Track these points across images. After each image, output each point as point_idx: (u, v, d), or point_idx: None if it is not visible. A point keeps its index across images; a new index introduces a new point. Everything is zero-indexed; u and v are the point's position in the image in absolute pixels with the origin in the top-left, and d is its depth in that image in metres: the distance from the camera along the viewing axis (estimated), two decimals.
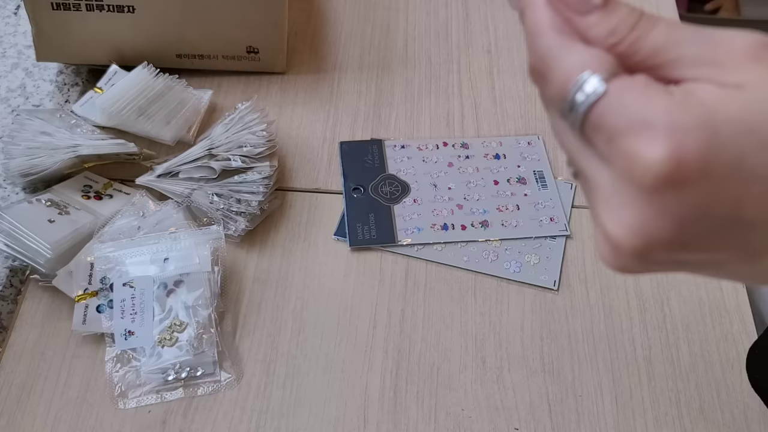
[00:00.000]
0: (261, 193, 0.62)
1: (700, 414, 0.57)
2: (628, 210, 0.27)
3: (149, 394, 0.55)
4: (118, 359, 0.56)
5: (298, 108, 0.73)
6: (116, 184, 0.65)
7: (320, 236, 0.65)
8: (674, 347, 0.60)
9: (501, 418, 0.56)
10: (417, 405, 0.57)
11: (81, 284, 0.58)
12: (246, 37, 0.71)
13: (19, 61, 0.72)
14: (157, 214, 0.62)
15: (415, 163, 0.70)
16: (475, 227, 0.65)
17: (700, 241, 0.27)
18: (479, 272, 0.63)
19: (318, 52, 0.78)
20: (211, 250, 0.60)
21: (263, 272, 0.63)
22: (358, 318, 0.61)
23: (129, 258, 0.59)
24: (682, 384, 0.58)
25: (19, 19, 0.75)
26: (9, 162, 0.62)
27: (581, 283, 0.63)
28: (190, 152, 0.64)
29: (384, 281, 0.63)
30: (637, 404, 0.57)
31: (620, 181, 0.27)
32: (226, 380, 0.56)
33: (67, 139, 0.63)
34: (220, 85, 0.73)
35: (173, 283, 0.58)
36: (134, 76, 0.66)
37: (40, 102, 0.69)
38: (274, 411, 0.56)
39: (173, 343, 0.56)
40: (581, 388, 0.58)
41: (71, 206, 0.62)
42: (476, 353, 0.59)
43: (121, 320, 0.56)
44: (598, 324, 0.61)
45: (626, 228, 0.27)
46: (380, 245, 0.64)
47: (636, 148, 0.26)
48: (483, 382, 0.58)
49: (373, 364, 0.58)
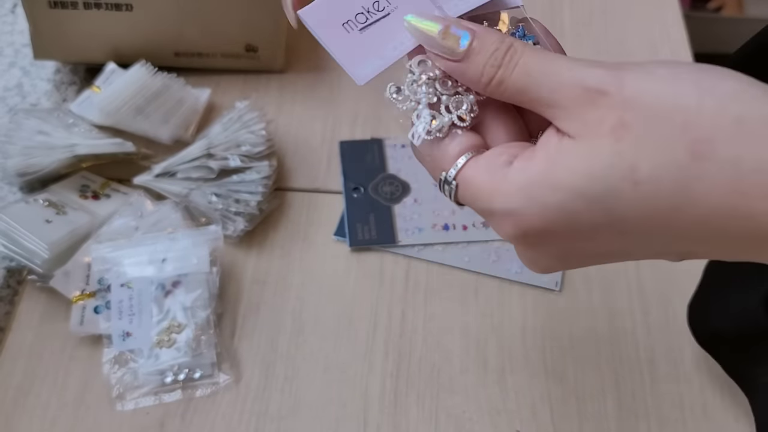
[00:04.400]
0: (260, 193, 0.62)
1: (703, 416, 0.57)
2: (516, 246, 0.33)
3: (147, 395, 0.55)
4: (115, 361, 0.55)
5: (297, 107, 0.73)
6: (114, 184, 0.64)
7: (320, 236, 0.64)
8: (677, 349, 0.60)
9: (503, 420, 0.56)
10: (417, 407, 0.56)
11: (78, 285, 0.57)
12: (245, 35, 0.71)
13: (16, 60, 0.72)
14: (154, 214, 0.61)
15: (415, 162, 0.69)
16: (477, 227, 0.65)
17: (584, 257, 0.31)
18: (481, 273, 0.63)
19: (317, 51, 0.78)
20: (209, 250, 0.59)
21: (262, 273, 0.62)
22: (358, 319, 0.60)
23: (127, 259, 0.58)
24: (685, 386, 0.58)
25: (16, 18, 0.75)
26: (6, 162, 0.61)
27: (584, 284, 0.63)
28: (188, 152, 0.64)
29: (384, 282, 0.62)
30: (639, 406, 0.57)
31: None
32: (225, 382, 0.56)
33: (64, 138, 0.62)
34: (218, 84, 0.73)
35: (171, 284, 0.58)
36: (132, 74, 0.65)
37: (37, 101, 0.69)
38: (273, 413, 0.55)
39: (171, 344, 0.56)
40: (584, 389, 0.57)
41: (68, 206, 0.61)
42: (477, 355, 0.59)
43: (118, 321, 0.56)
44: (601, 325, 0.61)
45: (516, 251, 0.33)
46: (380, 245, 0.64)
47: (494, 228, 0.31)
48: (484, 384, 0.57)
49: (373, 366, 0.58)
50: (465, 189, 0.31)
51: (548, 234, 0.29)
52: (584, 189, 0.28)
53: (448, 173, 0.32)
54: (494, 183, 0.30)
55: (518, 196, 0.29)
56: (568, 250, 0.30)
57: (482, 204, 0.30)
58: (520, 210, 0.29)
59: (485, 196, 0.30)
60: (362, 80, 0.34)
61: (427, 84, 0.32)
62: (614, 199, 0.27)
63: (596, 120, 0.28)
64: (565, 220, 0.28)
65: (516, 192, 0.29)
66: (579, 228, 0.29)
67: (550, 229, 0.29)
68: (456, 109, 0.32)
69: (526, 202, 0.29)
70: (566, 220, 0.28)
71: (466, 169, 0.31)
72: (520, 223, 0.29)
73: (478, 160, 0.31)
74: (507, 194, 0.29)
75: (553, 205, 0.28)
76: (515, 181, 0.29)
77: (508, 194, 0.29)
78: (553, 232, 0.29)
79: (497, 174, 0.30)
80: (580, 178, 0.28)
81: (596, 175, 0.27)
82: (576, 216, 0.28)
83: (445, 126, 0.32)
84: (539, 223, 0.29)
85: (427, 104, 0.32)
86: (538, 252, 0.31)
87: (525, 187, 0.29)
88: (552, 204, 0.28)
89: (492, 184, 0.30)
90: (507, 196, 0.29)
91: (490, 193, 0.30)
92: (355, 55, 0.34)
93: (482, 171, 0.30)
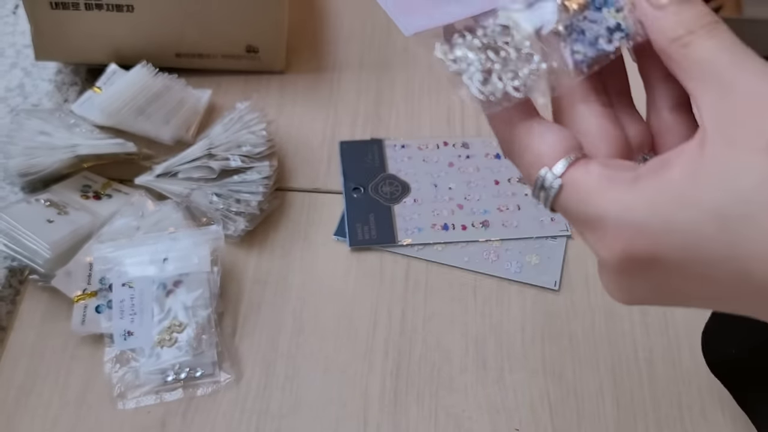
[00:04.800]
0: (260, 193, 0.62)
1: (701, 416, 0.57)
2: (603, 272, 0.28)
3: (148, 394, 0.55)
4: (117, 360, 0.56)
5: (297, 107, 0.73)
6: (115, 184, 0.65)
7: (320, 236, 0.65)
8: (676, 349, 0.60)
9: (501, 419, 0.56)
10: (417, 406, 0.56)
11: (80, 285, 0.58)
12: (246, 36, 0.71)
13: (17, 61, 0.72)
14: (156, 214, 0.62)
15: (415, 162, 0.69)
16: (476, 227, 0.65)
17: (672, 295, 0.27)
18: (480, 272, 0.63)
19: (318, 51, 0.78)
20: (210, 250, 0.59)
21: (263, 272, 0.62)
22: (358, 318, 0.60)
23: (128, 258, 0.58)
24: (683, 386, 0.58)
25: (17, 19, 0.75)
26: (7, 162, 0.62)
27: (582, 284, 0.63)
28: (189, 152, 0.64)
29: (384, 281, 0.62)
30: (638, 406, 0.57)
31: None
32: (226, 381, 0.56)
33: (65, 138, 0.63)
34: (219, 85, 0.73)
35: (172, 284, 0.58)
36: (133, 75, 0.66)
37: (38, 101, 0.69)
38: (274, 412, 0.56)
39: (172, 343, 0.56)
40: (582, 389, 0.58)
41: (70, 206, 0.61)
42: (477, 354, 0.59)
43: (120, 321, 0.56)
44: (600, 325, 0.61)
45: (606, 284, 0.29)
46: (380, 245, 0.64)
47: (593, 244, 0.27)
48: (484, 383, 0.58)
49: (373, 365, 0.58)
50: (572, 191, 0.27)
51: (659, 261, 0.25)
52: (722, 208, 0.24)
53: (553, 169, 0.27)
54: (613, 188, 0.26)
55: (642, 207, 0.25)
56: (670, 285, 0.26)
57: (591, 210, 0.26)
58: (640, 224, 0.25)
59: (598, 202, 0.26)
60: (410, 30, 0.31)
61: (480, 50, 0.30)
62: (749, 228, 0.23)
63: (757, 130, 0.24)
64: (687, 245, 0.24)
65: (640, 202, 0.25)
66: (697, 258, 0.24)
67: (665, 256, 0.25)
68: (511, 80, 0.29)
69: (650, 217, 0.25)
70: (689, 245, 0.24)
71: (575, 169, 0.27)
72: (633, 240, 0.25)
73: (589, 164, 0.27)
74: (627, 203, 0.25)
75: (681, 223, 0.24)
76: (641, 190, 0.25)
77: (629, 203, 0.25)
78: (665, 260, 0.25)
79: (617, 178, 0.26)
80: (722, 195, 0.24)
81: (740, 195, 0.23)
82: (701, 242, 0.24)
83: (499, 92, 0.29)
84: (657, 246, 0.25)
85: (479, 68, 0.29)
86: (636, 281, 0.27)
87: (652, 198, 0.25)
88: (680, 222, 0.24)
89: (610, 190, 0.26)
90: (626, 205, 0.25)
91: (605, 200, 0.26)
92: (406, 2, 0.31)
93: (597, 174, 0.27)
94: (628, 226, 0.25)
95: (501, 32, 0.30)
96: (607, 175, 0.26)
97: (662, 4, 0.28)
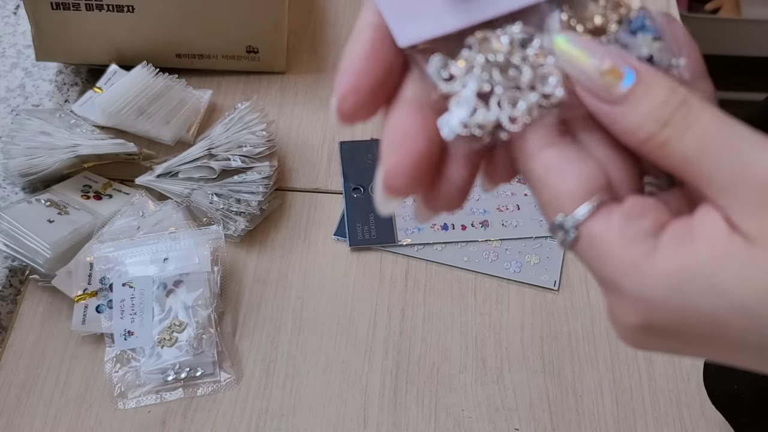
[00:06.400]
0: (261, 193, 0.62)
1: (700, 414, 0.57)
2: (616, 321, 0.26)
3: (149, 394, 0.55)
4: (117, 359, 0.56)
5: (298, 108, 0.73)
6: (116, 184, 0.65)
7: (320, 236, 0.65)
8: None
9: (501, 418, 0.56)
10: (417, 405, 0.57)
11: (80, 284, 0.58)
12: (246, 36, 0.71)
13: (18, 61, 0.72)
14: (156, 214, 0.62)
15: None
16: (476, 227, 0.65)
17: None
18: (479, 272, 0.63)
19: (318, 52, 0.78)
20: (210, 250, 0.59)
21: (263, 272, 0.62)
22: (358, 318, 0.61)
23: (128, 258, 0.58)
24: (682, 384, 0.58)
25: (18, 19, 0.75)
26: (8, 162, 0.62)
27: (581, 283, 0.63)
28: (190, 152, 0.64)
29: (384, 281, 0.63)
30: (637, 404, 0.57)
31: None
32: (226, 380, 0.56)
33: (66, 138, 0.63)
34: (219, 85, 0.73)
35: (173, 283, 0.58)
36: (134, 75, 0.66)
37: (39, 102, 0.69)
38: (274, 411, 0.56)
39: (173, 343, 0.56)
40: (581, 388, 0.58)
41: (71, 206, 0.62)
42: (476, 353, 0.59)
43: (120, 320, 0.56)
44: (599, 324, 0.61)
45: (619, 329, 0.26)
46: (380, 245, 0.64)
47: (608, 302, 0.25)
48: (483, 383, 0.58)
49: (373, 364, 0.58)
50: (589, 246, 0.24)
51: (678, 333, 0.24)
52: (751, 308, 0.22)
53: (570, 218, 0.24)
54: (633, 256, 0.23)
55: (663, 284, 0.23)
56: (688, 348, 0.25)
57: (608, 274, 0.24)
58: (660, 302, 0.23)
59: (616, 267, 0.24)
60: (405, 41, 0.26)
61: (484, 68, 0.25)
62: None
63: None
64: (708, 327, 0.23)
65: (661, 279, 0.23)
66: (721, 338, 0.23)
67: (684, 331, 0.23)
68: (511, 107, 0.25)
69: (670, 295, 0.23)
70: (711, 327, 0.23)
71: (594, 221, 0.24)
72: (652, 314, 0.23)
73: (611, 215, 0.24)
74: (647, 278, 0.23)
75: (705, 309, 0.23)
76: (663, 266, 0.23)
77: (650, 279, 0.23)
78: (684, 334, 0.24)
79: (638, 245, 0.23)
80: (750, 294, 0.22)
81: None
82: (726, 327, 0.23)
83: (489, 124, 0.25)
84: (675, 322, 0.23)
85: (475, 91, 0.25)
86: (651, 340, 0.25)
87: (674, 276, 0.23)
88: (703, 308, 0.23)
89: (629, 257, 0.23)
90: (647, 280, 0.23)
91: (623, 267, 0.24)
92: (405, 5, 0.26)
93: (617, 232, 0.24)
94: (646, 300, 0.23)
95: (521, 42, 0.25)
96: (629, 235, 0.24)
97: (616, 98, 0.24)
